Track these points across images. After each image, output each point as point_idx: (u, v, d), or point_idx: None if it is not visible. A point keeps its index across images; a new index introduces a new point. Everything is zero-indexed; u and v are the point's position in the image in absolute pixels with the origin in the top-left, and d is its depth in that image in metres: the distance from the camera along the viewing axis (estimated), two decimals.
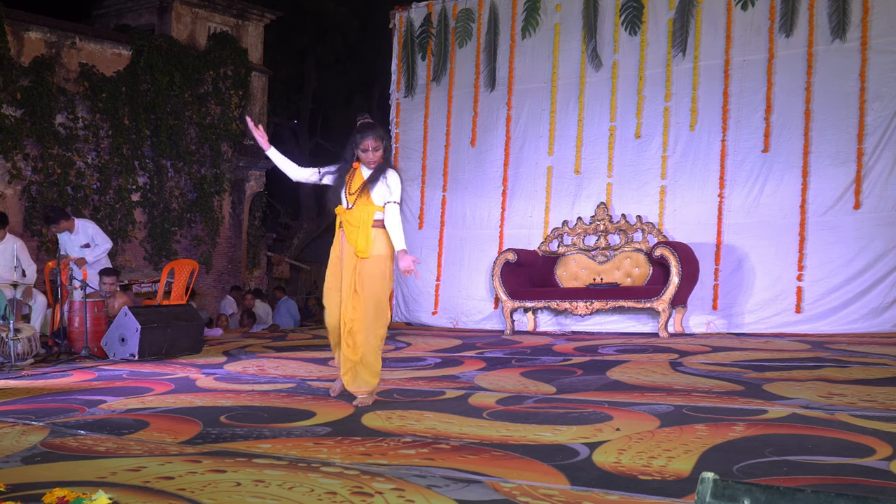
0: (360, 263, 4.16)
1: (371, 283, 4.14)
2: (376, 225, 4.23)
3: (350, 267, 4.17)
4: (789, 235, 7.36)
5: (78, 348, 6.77)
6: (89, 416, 3.97)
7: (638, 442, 3.01)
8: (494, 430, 3.32)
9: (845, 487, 2.36)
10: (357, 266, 4.16)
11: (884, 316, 6.91)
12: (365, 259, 4.15)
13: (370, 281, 4.14)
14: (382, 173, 4.26)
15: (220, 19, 13.13)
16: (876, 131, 7.11)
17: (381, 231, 4.23)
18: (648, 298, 7.29)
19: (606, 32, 8.43)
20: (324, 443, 3.18)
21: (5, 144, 10.13)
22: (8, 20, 10.21)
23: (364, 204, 4.20)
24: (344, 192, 4.26)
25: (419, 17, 9.63)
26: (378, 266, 4.18)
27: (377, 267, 4.17)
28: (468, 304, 8.98)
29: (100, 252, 7.71)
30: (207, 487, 2.52)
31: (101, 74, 11.22)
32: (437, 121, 9.47)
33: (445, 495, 2.36)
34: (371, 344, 4.13)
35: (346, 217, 4.23)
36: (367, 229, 4.18)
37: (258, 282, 14.49)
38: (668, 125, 8.05)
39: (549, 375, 4.93)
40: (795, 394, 3.94)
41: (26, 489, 2.50)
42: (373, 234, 4.20)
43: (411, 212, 9.58)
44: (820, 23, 7.39)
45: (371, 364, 4.13)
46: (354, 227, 4.19)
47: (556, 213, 8.59)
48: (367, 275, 4.14)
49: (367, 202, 4.21)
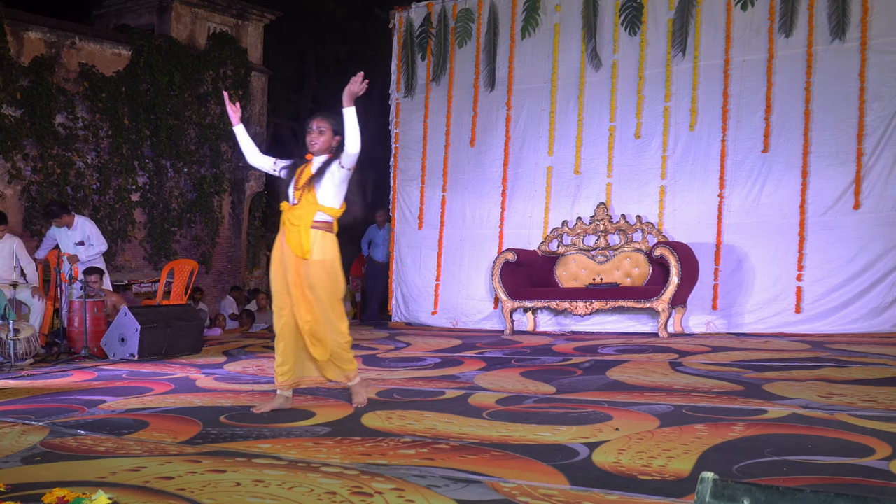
0: (306, 268, 3.88)
1: (322, 284, 3.88)
2: (318, 226, 3.90)
3: (294, 270, 3.89)
4: (789, 235, 7.36)
5: (78, 348, 6.77)
6: (89, 416, 3.97)
7: (638, 442, 3.01)
8: (494, 430, 3.32)
9: (845, 487, 2.36)
10: (302, 270, 3.88)
11: (883, 316, 6.91)
12: (308, 262, 3.87)
13: (320, 282, 3.88)
14: (328, 165, 3.93)
15: (219, 19, 13.13)
16: (876, 131, 7.11)
17: (322, 233, 3.90)
18: (648, 298, 7.29)
19: (606, 32, 8.43)
20: (323, 443, 3.18)
21: (5, 144, 10.12)
22: (8, 20, 10.20)
23: (308, 202, 3.89)
24: (291, 187, 3.97)
25: (419, 17, 9.63)
26: (325, 269, 3.90)
27: (324, 269, 3.90)
28: (468, 304, 8.99)
29: (93, 252, 7.70)
30: (207, 487, 2.52)
31: (101, 74, 11.21)
32: (436, 121, 9.47)
33: (445, 495, 2.36)
34: (338, 342, 3.94)
35: (288, 215, 3.93)
36: (307, 229, 3.87)
37: (258, 282, 14.49)
38: (667, 125, 8.04)
39: (549, 375, 4.93)
40: (795, 394, 3.94)
41: (26, 489, 2.50)
42: (314, 236, 3.89)
43: (411, 212, 9.58)
44: (819, 23, 7.39)
45: (342, 355, 3.97)
46: (295, 226, 3.89)
47: (556, 213, 8.59)
48: (316, 277, 3.87)
49: (312, 199, 3.89)
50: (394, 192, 9.80)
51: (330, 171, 3.90)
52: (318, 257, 3.88)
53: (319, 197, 3.89)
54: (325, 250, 3.90)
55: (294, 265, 3.89)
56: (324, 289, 3.89)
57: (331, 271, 3.92)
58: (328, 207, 3.92)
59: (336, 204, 3.95)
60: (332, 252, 3.94)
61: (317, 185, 3.89)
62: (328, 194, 3.91)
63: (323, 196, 3.90)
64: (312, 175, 3.92)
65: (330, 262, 3.92)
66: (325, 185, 3.90)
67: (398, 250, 9.64)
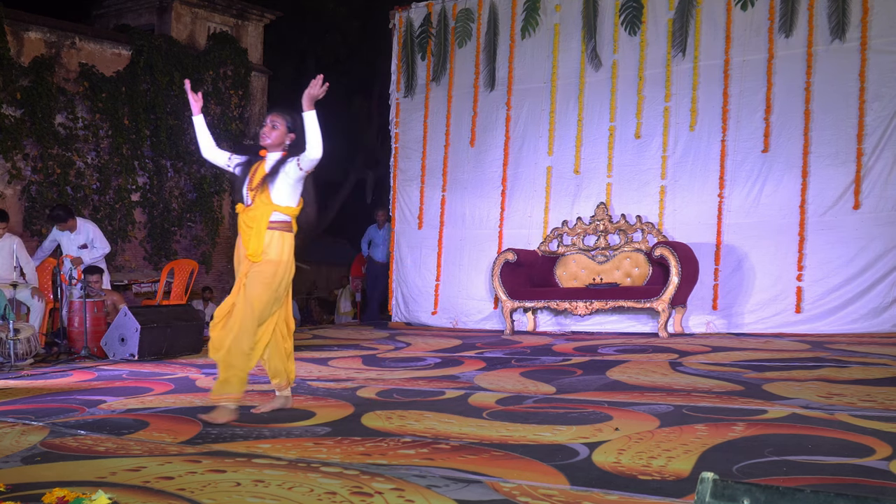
0: (253, 266, 3.75)
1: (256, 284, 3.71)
2: (274, 226, 3.76)
3: (244, 271, 3.77)
4: (789, 235, 7.36)
5: (78, 348, 6.77)
6: (89, 416, 3.97)
7: (638, 442, 3.01)
8: (494, 430, 3.32)
9: (845, 487, 2.36)
10: (248, 271, 3.76)
11: (883, 316, 6.91)
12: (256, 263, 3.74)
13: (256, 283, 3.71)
14: (284, 164, 3.77)
15: (219, 19, 13.13)
16: (875, 131, 7.11)
17: (279, 234, 3.77)
18: (648, 298, 7.29)
19: (606, 32, 8.43)
20: (323, 443, 3.18)
21: (5, 144, 10.12)
22: (8, 20, 10.20)
23: (263, 202, 3.75)
24: (245, 186, 3.83)
25: (419, 17, 9.63)
26: (271, 270, 3.73)
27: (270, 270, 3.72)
28: (468, 304, 8.99)
29: (97, 255, 7.74)
30: (207, 487, 2.52)
31: (101, 74, 11.21)
32: (436, 121, 9.47)
33: (445, 495, 2.36)
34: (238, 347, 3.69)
35: (244, 217, 3.80)
36: (262, 231, 3.72)
37: None
38: (667, 125, 8.04)
39: (549, 375, 4.93)
40: (795, 394, 3.94)
41: (26, 489, 2.50)
42: (268, 238, 3.74)
43: (411, 212, 9.58)
44: (819, 23, 7.39)
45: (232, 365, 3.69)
46: (249, 227, 3.76)
47: (556, 213, 8.59)
48: (254, 276, 3.72)
49: (266, 200, 3.75)
50: (394, 192, 9.80)
51: (285, 170, 3.76)
52: (272, 258, 3.74)
53: (274, 196, 3.75)
54: (281, 251, 3.76)
55: (246, 266, 3.78)
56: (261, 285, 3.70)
57: (280, 273, 3.75)
58: (284, 207, 3.78)
59: (293, 202, 3.82)
60: (288, 254, 3.80)
61: (270, 184, 3.75)
62: (283, 193, 3.77)
63: (278, 195, 3.76)
64: (266, 174, 3.77)
65: (284, 263, 3.77)
66: (280, 185, 3.75)
67: (398, 250, 9.64)
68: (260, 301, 3.72)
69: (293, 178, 3.78)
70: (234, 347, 3.69)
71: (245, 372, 3.75)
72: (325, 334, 8.51)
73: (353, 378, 5.12)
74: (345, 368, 5.62)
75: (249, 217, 3.77)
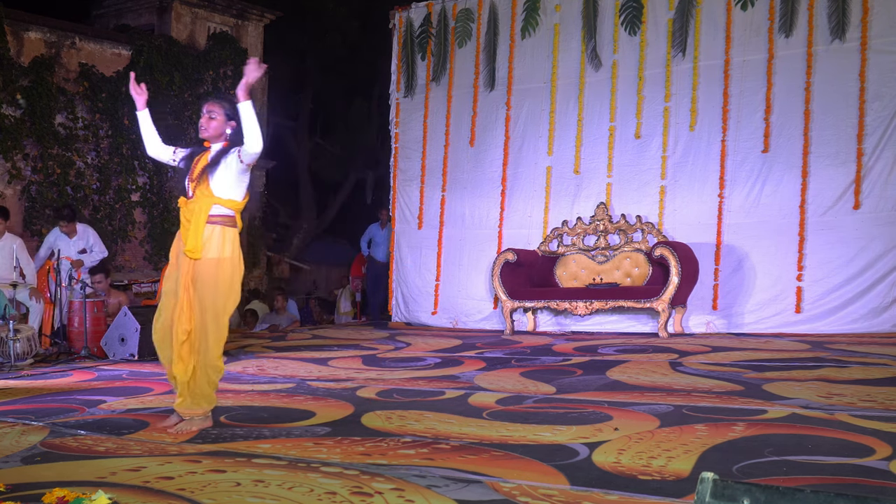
0: (196, 267, 3.51)
1: (207, 290, 3.51)
2: (214, 220, 3.54)
3: (184, 270, 3.53)
4: (789, 235, 7.36)
5: (78, 348, 6.78)
6: (89, 416, 3.97)
7: (638, 442, 3.01)
8: (494, 430, 3.32)
9: (845, 487, 2.36)
10: (191, 270, 3.52)
11: (883, 316, 6.90)
12: (199, 261, 3.50)
13: (207, 289, 3.51)
14: (225, 155, 3.59)
15: (219, 19, 13.13)
16: (876, 131, 7.11)
17: (220, 229, 3.55)
18: (648, 298, 7.29)
19: (606, 32, 8.43)
20: (323, 443, 3.18)
21: (5, 144, 10.12)
22: (8, 20, 10.20)
23: (204, 194, 3.55)
24: (187, 178, 3.64)
25: (419, 17, 9.63)
26: (217, 270, 3.52)
27: (215, 271, 3.52)
28: (468, 304, 8.98)
29: (95, 258, 7.81)
30: (207, 487, 2.52)
31: (101, 74, 11.22)
32: (436, 121, 9.47)
33: (445, 495, 2.36)
34: (205, 363, 3.54)
35: (183, 210, 3.58)
36: (200, 225, 3.50)
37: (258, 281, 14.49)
38: (667, 125, 8.04)
39: (549, 375, 4.93)
40: (795, 394, 3.94)
41: (26, 489, 2.50)
42: (208, 232, 3.52)
43: (411, 212, 9.58)
44: (819, 23, 7.39)
45: (202, 386, 3.54)
46: (188, 220, 3.54)
47: (556, 213, 8.59)
48: (202, 282, 3.50)
49: (207, 192, 3.55)
50: (394, 192, 9.80)
51: (226, 162, 3.57)
52: (213, 255, 3.52)
53: (215, 189, 3.54)
54: (222, 247, 3.54)
55: (186, 265, 3.54)
56: (214, 289, 3.51)
57: (227, 271, 3.55)
58: (227, 200, 3.57)
59: (236, 196, 3.61)
60: (233, 250, 3.57)
61: (210, 175, 3.55)
62: (225, 185, 3.56)
63: (219, 187, 3.55)
64: (206, 165, 3.59)
65: (228, 260, 3.55)
66: (222, 176, 3.56)
67: (398, 250, 9.64)
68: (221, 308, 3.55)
69: (235, 170, 3.59)
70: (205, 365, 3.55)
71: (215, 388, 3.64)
72: (325, 334, 8.51)
73: (353, 378, 5.11)
74: (345, 368, 5.62)
75: (189, 210, 3.56)
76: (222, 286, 3.54)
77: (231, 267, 3.57)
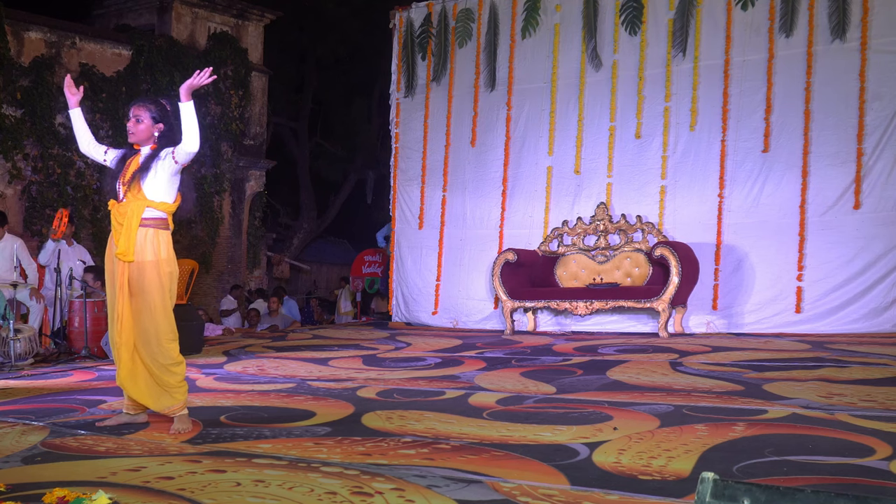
0: (130, 271, 3.52)
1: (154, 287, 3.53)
2: (147, 223, 3.55)
3: (120, 274, 3.54)
4: (789, 235, 7.36)
5: (78, 348, 6.78)
6: (89, 416, 3.97)
7: (638, 442, 3.01)
8: (494, 430, 3.32)
9: (845, 487, 2.36)
10: (126, 273, 3.53)
11: (884, 316, 6.90)
12: (132, 265, 3.52)
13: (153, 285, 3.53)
14: (156, 157, 3.56)
15: (220, 19, 13.14)
16: (876, 131, 7.11)
17: (154, 231, 3.56)
18: (648, 298, 7.29)
19: (606, 32, 8.43)
20: (324, 443, 3.18)
21: (5, 144, 10.13)
22: (8, 20, 10.21)
23: (136, 197, 3.54)
24: (118, 181, 3.63)
25: (419, 17, 9.63)
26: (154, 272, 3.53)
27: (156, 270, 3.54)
28: (468, 304, 8.98)
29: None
30: (207, 487, 2.52)
31: (101, 74, 11.23)
32: (437, 121, 9.47)
33: (445, 495, 2.36)
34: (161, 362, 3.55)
35: (114, 213, 3.59)
36: (133, 228, 3.50)
37: (259, 282, 14.50)
38: (668, 125, 8.04)
39: (549, 375, 4.93)
40: (795, 394, 3.94)
41: (26, 489, 2.50)
42: (142, 235, 3.53)
43: (411, 212, 9.58)
44: (820, 23, 7.39)
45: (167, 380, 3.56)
46: (119, 224, 3.54)
47: (556, 213, 8.58)
48: (148, 280, 3.52)
49: (139, 195, 3.54)
50: (394, 192, 9.79)
51: (158, 164, 3.56)
52: (150, 258, 3.53)
53: (147, 192, 3.55)
54: (157, 249, 3.55)
55: (121, 269, 3.55)
56: (156, 292, 3.53)
57: (164, 273, 3.56)
58: (159, 203, 3.57)
59: (168, 198, 3.61)
60: (167, 251, 3.59)
61: (142, 178, 3.55)
62: (157, 188, 3.56)
63: (151, 190, 3.55)
64: (138, 168, 3.58)
65: (165, 262, 3.57)
66: (153, 179, 3.55)
67: (398, 250, 9.64)
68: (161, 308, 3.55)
69: (168, 171, 3.57)
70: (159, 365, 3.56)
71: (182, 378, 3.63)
72: (325, 334, 8.52)
73: (353, 378, 5.11)
74: (345, 368, 5.62)
75: (120, 213, 3.56)
76: (161, 287, 3.56)
77: (167, 267, 3.60)
